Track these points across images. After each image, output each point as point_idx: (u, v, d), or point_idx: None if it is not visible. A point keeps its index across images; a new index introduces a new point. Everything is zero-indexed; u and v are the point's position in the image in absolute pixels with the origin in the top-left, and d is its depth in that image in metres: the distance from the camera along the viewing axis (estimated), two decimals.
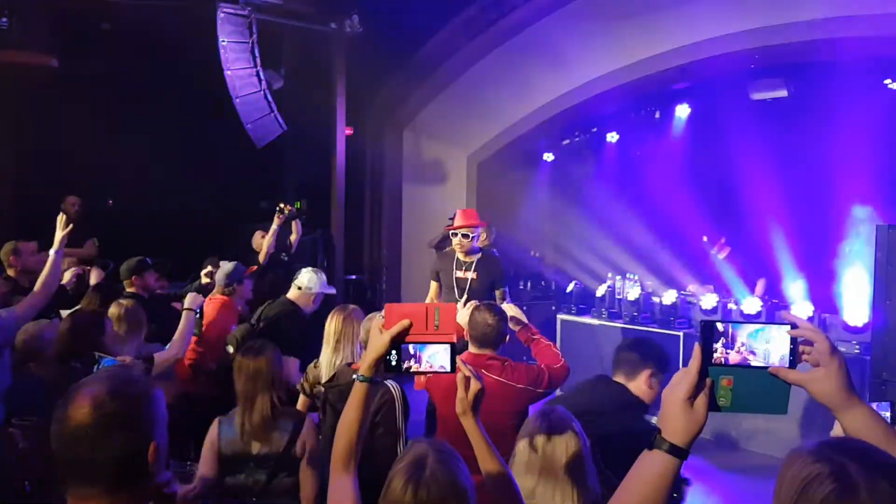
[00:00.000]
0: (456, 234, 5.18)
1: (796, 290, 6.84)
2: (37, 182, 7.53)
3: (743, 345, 1.26)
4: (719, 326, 1.26)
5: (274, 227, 6.37)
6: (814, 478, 1.05)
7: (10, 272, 5.01)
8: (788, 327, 1.27)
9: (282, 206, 6.53)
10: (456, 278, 5.21)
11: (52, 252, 4.05)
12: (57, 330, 3.36)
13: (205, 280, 5.69)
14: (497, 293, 5.16)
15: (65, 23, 7.08)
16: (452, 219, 5.46)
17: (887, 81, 7.24)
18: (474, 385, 1.89)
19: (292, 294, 4.49)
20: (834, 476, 1.04)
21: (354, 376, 1.82)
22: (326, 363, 3.52)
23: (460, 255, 5.20)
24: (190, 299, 4.09)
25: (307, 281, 4.49)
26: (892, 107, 7.15)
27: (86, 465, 1.33)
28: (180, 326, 3.93)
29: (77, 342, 3.14)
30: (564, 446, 2.18)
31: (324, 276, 4.62)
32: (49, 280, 3.97)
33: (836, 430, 1.92)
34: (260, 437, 2.96)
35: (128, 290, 5.00)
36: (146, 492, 1.41)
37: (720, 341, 1.26)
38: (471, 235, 5.14)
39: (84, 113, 7.55)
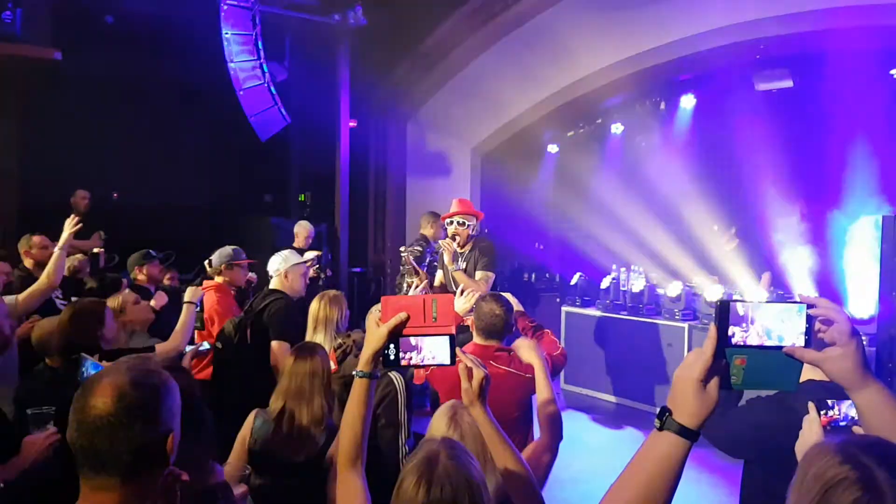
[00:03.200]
0: (452, 223, 5.16)
1: (802, 282, 6.82)
2: (40, 175, 7.54)
3: (761, 326, 1.25)
4: (739, 309, 1.25)
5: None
6: (839, 481, 1.03)
7: (28, 263, 5.13)
8: (805, 306, 1.27)
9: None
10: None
11: (57, 249, 4.08)
12: None
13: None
14: (477, 274, 5.04)
15: (68, 16, 7.06)
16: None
17: (893, 71, 7.19)
18: (477, 374, 1.85)
19: (273, 283, 4.52)
20: (860, 484, 1.01)
21: (354, 372, 1.79)
22: None
23: (456, 247, 5.17)
24: (190, 292, 4.09)
25: (272, 265, 4.52)
26: None
27: (104, 454, 1.34)
28: (181, 319, 3.93)
29: (77, 332, 3.13)
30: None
31: (286, 252, 4.59)
32: (53, 275, 4.00)
33: (802, 442, 1.88)
34: (298, 441, 2.86)
35: (136, 282, 5.07)
36: (159, 482, 1.42)
37: (742, 326, 1.25)
38: (466, 223, 5.11)
39: (88, 106, 7.56)
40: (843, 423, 1.85)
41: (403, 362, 1.69)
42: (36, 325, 3.36)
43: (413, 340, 1.68)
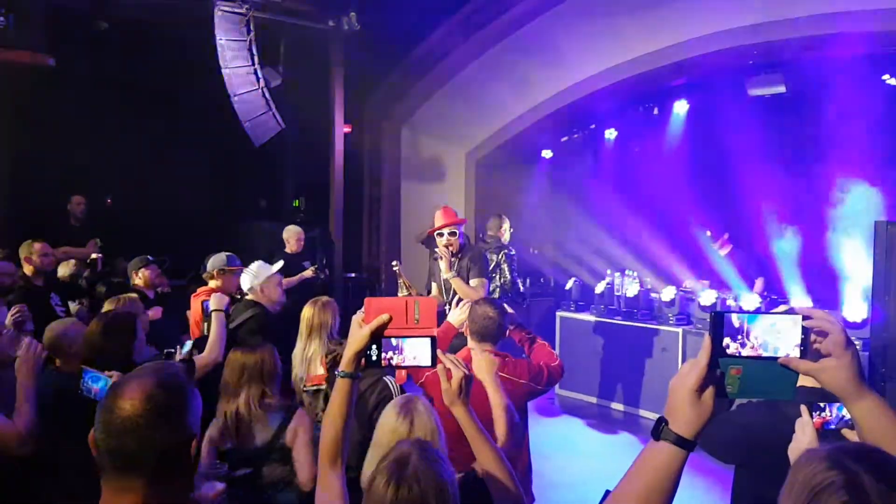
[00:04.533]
0: (442, 234, 5.11)
1: (795, 287, 6.84)
2: (34, 181, 7.53)
3: (756, 338, 1.25)
4: (734, 320, 1.26)
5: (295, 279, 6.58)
6: (826, 486, 1.03)
7: (28, 270, 5.12)
8: (800, 317, 1.27)
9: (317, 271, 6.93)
10: (443, 280, 5.13)
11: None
12: (80, 328, 3.30)
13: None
14: (472, 282, 5.04)
15: (62, 21, 7.05)
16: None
17: (885, 77, 7.24)
18: (456, 374, 1.89)
19: (249, 295, 4.54)
20: (847, 487, 1.02)
21: (336, 372, 1.81)
22: (299, 354, 3.61)
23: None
24: (215, 300, 4.04)
25: (244, 284, 4.55)
26: (890, 102, 7.15)
27: (132, 455, 1.35)
28: (213, 328, 3.87)
29: (110, 346, 3.09)
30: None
31: (254, 267, 4.59)
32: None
33: (795, 445, 1.87)
34: (243, 430, 2.94)
35: (134, 286, 5.06)
36: (183, 485, 1.43)
37: (738, 339, 1.25)
38: (457, 233, 5.12)
39: (81, 111, 7.54)
40: (833, 426, 1.86)
41: (384, 362, 1.71)
42: (47, 328, 3.29)
43: (395, 341, 1.70)
